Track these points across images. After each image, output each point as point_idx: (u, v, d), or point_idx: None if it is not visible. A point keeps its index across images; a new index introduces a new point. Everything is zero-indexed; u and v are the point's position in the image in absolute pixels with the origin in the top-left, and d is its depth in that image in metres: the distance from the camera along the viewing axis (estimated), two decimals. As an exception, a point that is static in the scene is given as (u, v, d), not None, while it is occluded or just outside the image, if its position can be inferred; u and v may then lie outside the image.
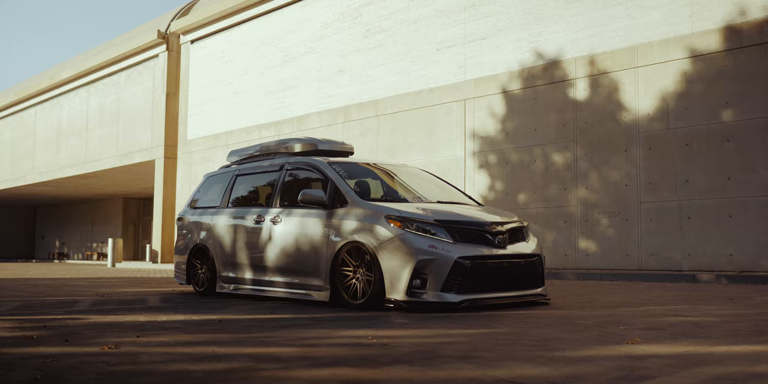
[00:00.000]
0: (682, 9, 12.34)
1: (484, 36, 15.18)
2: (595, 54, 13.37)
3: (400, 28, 16.95)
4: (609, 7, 13.24)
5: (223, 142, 22.34)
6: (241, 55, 22.13)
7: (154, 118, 26.35)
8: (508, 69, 14.69)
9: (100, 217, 43.94)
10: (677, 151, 12.19)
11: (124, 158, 28.14)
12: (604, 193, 13.05)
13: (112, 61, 29.16)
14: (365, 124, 17.48)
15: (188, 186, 23.90)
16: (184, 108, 24.63)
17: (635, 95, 12.77)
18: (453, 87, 15.63)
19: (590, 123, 13.34)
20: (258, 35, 21.56)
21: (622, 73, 13.00)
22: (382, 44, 17.32)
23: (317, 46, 19.24)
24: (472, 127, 15.21)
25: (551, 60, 14.01)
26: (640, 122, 12.67)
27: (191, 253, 9.28)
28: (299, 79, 19.73)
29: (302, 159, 8.11)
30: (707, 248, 11.77)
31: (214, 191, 9.53)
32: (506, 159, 14.56)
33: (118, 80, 29.32)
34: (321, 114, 18.81)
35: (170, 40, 25.77)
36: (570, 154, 13.56)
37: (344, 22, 18.48)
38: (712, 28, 11.97)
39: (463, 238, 6.48)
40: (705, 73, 11.98)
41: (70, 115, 32.84)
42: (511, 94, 14.59)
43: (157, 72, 26.50)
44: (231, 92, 22.32)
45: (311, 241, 7.24)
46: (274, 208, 7.98)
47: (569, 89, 13.68)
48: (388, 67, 17.11)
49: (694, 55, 12.10)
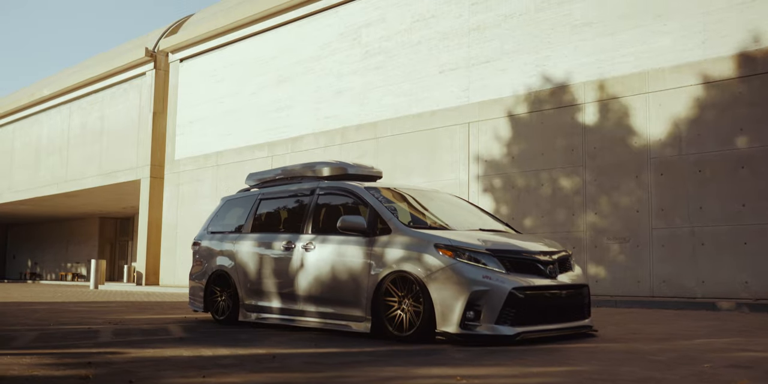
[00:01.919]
0: (695, 35, 12.33)
1: (488, 59, 15.10)
2: (605, 79, 13.32)
3: (401, 50, 16.83)
4: (619, 32, 13.22)
5: (213, 163, 22.03)
6: (233, 74, 21.89)
7: (139, 137, 25.94)
8: (514, 92, 14.60)
9: (75, 237, 43.18)
10: (690, 177, 12.13)
11: (107, 177, 27.66)
12: (615, 218, 12.95)
13: (97, 79, 28.74)
14: (364, 147, 17.29)
15: (175, 206, 23.52)
16: (172, 127, 24.30)
17: (646, 120, 12.72)
18: (456, 110, 15.50)
19: (599, 148, 13.26)
20: (251, 54, 21.34)
21: (632, 99, 12.95)
22: (382, 66, 17.18)
23: (314, 67, 19.06)
24: (477, 151, 15.07)
25: (559, 84, 13.95)
26: (651, 148, 12.61)
27: (210, 280, 8.98)
28: (294, 99, 19.52)
29: (336, 183, 7.87)
30: (721, 275, 11.68)
31: (234, 215, 9.25)
32: (512, 183, 14.43)
33: (102, 98, 28.89)
34: (317, 135, 18.59)
35: (158, 58, 25.45)
36: (578, 178, 13.46)
37: (342, 42, 18.33)
38: (725, 54, 11.96)
39: (515, 268, 6.29)
40: (718, 100, 11.96)
41: (50, 133, 32.30)
42: (517, 117, 14.49)
43: (143, 90, 26.14)
44: (222, 112, 22.05)
45: (350, 269, 7.00)
46: (306, 234, 7.72)
47: (578, 114, 13.61)
48: (389, 88, 16.96)
49: (707, 81, 12.09)
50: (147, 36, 27.99)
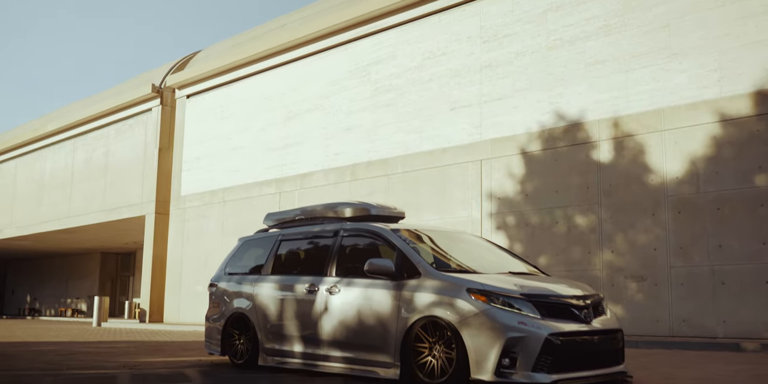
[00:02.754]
0: (710, 73, 12.31)
1: (501, 96, 15.06)
2: (620, 116, 13.27)
3: (411, 87, 16.81)
4: (633, 70, 13.20)
5: (219, 199, 21.90)
6: (240, 110, 21.87)
7: (144, 173, 25.84)
8: (527, 130, 14.54)
9: (75, 272, 42.87)
10: (708, 215, 12.01)
11: (110, 213, 27.51)
12: (632, 256, 12.80)
13: (102, 114, 28.72)
14: (374, 183, 17.19)
15: (180, 243, 23.34)
16: (178, 163, 24.22)
17: (662, 158, 12.64)
18: (468, 147, 15.43)
19: (615, 185, 13.16)
20: (259, 91, 21.34)
21: (648, 136, 12.88)
22: (393, 103, 17.15)
23: (323, 104, 19.04)
24: (489, 188, 14.97)
25: (573, 121, 13.89)
26: (668, 185, 12.51)
27: (228, 322, 8.79)
28: (303, 136, 19.47)
29: (360, 225, 7.74)
30: (743, 315, 11.50)
31: (253, 256, 9.10)
32: (526, 221, 14.31)
33: (107, 134, 28.86)
34: (326, 172, 18.50)
35: (164, 94, 25.47)
36: (594, 216, 13.34)
37: (352, 80, 18.32)
38: (742, 92, 11.92)
39: (550, 313, 6.14)
40: (736, 138, 11.89)
41: (54, 168, 32.22)
42: (530, 155, 14.41)
43: (149, 126, 26.11)
44: (229, 148, 21.98)
45: (377, 314, 6.84)
46: (330, 276, 7.57)
47: (592, 151, 13.53)
48: (399, 125, 16.91)
49: (723, 119, 12.03)
50: (153, 72, 28.05)
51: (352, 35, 18.62)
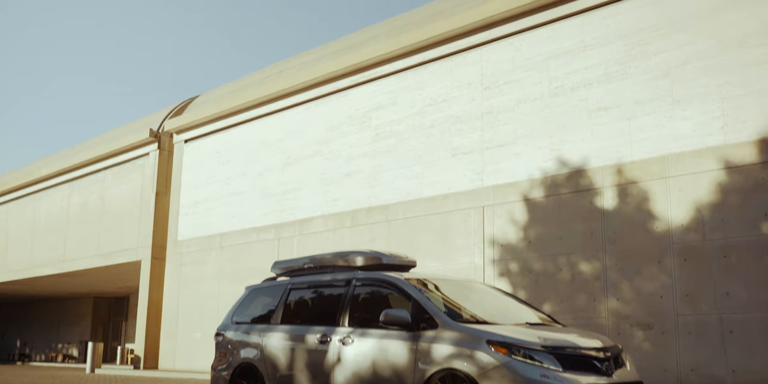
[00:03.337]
0: (714, 121, 12.38)
1: (502, 143, 15.11)
2: (623, 163, 13.30)
3: (412, 133, 16.86)
4: (636, 117, 13.27)
5: (217, 244, 21.77)
6: (238, 155, 21.88)
7: (141, 218, 25.72)
8: (529, 176, 14.56)
9: (67, 317, 42.38)
10: (715, 263, 11.96)
11: (106, 258, 27.30)
12: (638, 304, 12.71)
13: (99, 159, 28.69)
14: (375, 229, 17.12)
15: (177, 288, 23.13)
16: (175, 208, 24.12)
17: (667, 205, 12.64)
18: (470, 193, 15.42)
19: (619, 233, 13.12)
20: (257, 136, 21.38)
21: (652, 183, 12.89)
22: (393, 149, 17.18)
23: (322, 149, 19.06)
24: (492, 235, 14.92)
25: (576, 168, 13.91)
26: (673, 233, 12.48)
27: (235, 372, 8.66)
28: (302, 181, 19.44)
29: (373, 274, 7.67)
30: (753, 364, 11.39)
31: (261, 305, 9.00)
32: (529, 268, 14.23)
33: (103, 178, 28.79)
34: (326, 218, 18.44)
35: (162, 139, 25.49)
36: (599, 263, 13.28)
37: (352, 125, 18.38)
38: (746, 140, 11.98)
39: (571, 365, 6.05)
40: (741, 185, 11.91)
41: (48, 212, 32.04)
42: (533, 201, 14.40)
43: (146, 170, 26.07)
44: (227, 193, 21.93)
45: (393, 365, 6.73)
46: (343, 327, 7.47)
47: (596, 198, 13.53)
48: (400, 171, 16.91)
49: (728, 166, 12.06)
50: (151, 116, 28.11)
51: (351, 81, 18.73)
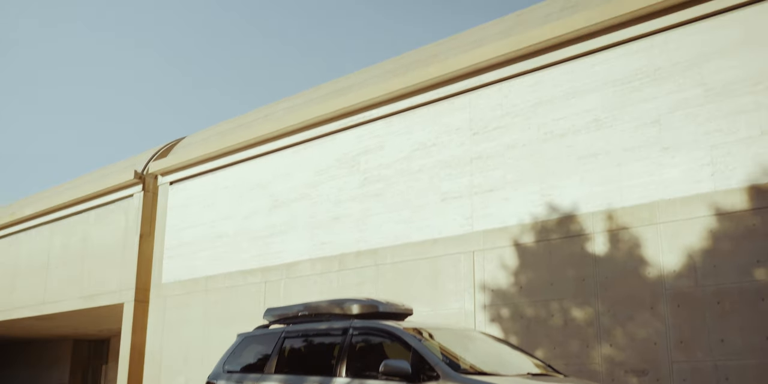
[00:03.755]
0: (703, 168, 12.46)
1: (492, 188, 15.12)
2: (613, 209, 13.34)
3: (401, 177, 16.86)
4: (625, 163, 13.34)
5: (202, 287, 21.54)
6: (224, 198, 21.76)
7: (124, 260, 25.43)
8: (519, 221, 14.55)
9: (45, 361, 41.59)
10: (709, 309, 11.94)
11: (88, 300, 26.91)
12: (631, 351, 12.64)
13: (82, 200, 28.44)
14: (363, 274, 17.01)
15: (160, 332, 22.80)
16: (160, 250, 23.90)
17: (658, 251, 12.65)
18: (460, 238, 15.38)
19: (611, 278, 13.11)
20: (244, 179, 21.30)
21: (642, 229, 12.92)
22: (382, 193, 17.15)
23: (310, 193, 19.00)
24: (482, 280, 14.86)
25: (566, 214, 13.93)
26: (665, 279, 12.48)
27: (228, 425, 8.50)
28: (289, 224, 19.34)
29: (371, 323, 7.60)
30: (748, 413, 11.32)
31: (253, 353, 8.87)
32: (521, 313, 14.16)
33: (86, 219, 28.53)
34: (313, 261, 18.31)
35: (147, 181, 25.33)
36: (591, 309, 13.23)
37: (340, 169, 18.36)
38: (736, 186, 12.06)
39: (577, 422, 5.98)
40: (732, 231, 11.95)
41: (29, 254, 31.65)
42: (523, 246, 14.38)
43: (130, 212, 25.86)
44: (213, 236, 21.76)
45: (394, 420, 6.63)
46: (340, 377, 7.37)
47: (587, 243, 13.53)
48: (388, 215, 16.87)
49: (719, 213, 12.12)
50: (136, 157, 27.97)
51: (339, 125, 18.75)
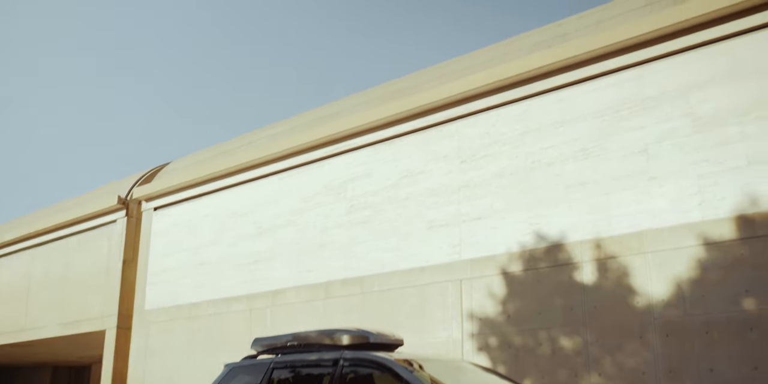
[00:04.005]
0: (690, 197, 12.52)
1: (479, 216, 15.11)
2: (601, 238, 13.35)
3: (388, 205, 16.83)
4: (613, 192, 13.38)
5: (186, 314, 21.33)
6: (209, 224, 21.63)
7: (107, 286, 25.16)
8: (507, 250, 14.53)
9: (23, 388, 41.03)
10: (697, 339, 11.94)
11: (69, 327, 26.57)
12: (620, 380, 12.60)
13: (64, 225, 28.18)
14: (349, 302, 16.90)
15: (143, 359, 22.53)
16: (143, 276, 23.69)
17: (647, 280, 12.66)
18: (447, 266, 15.34)
19: (600, 307, 13.09)
20: (230, 205, 21.19)
21: (631, 258, 12.93)
22: (369, 220, 17.10)
23: (295, 220, 18.92)
24: (470, 309, 14.80)
25: (554, 243, 13.93)
26: (654, 308, 12.47)
27: None
28: (274, 252, 19.22)
29: (362, 354, 7.53)
30: (738, 444, 11.29)
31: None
32: (508, 342, 14.09)
33: (68, 244, 28.26)
34: (299, 289, 18.19)
35: (130, 206, 25.15)
36: (579, 338, 13.19)
37: (326, 196, 18.30)
38: (724, 216, 12.10)
39: None
40: (720, 261, 11.98)
41: (10, 279, 31.26)
42: (511, 275, 14.35)
43: (113, 238, 25.63)
44: (197, 262, 21.59)
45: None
46: (332, 412, 7.29)
47: (575, 272, 13.52)
48: (375, 243, 16.80)
49: (707, 242, 12.15)
50: (120, 182, 27.78)
51: (325, 153, 18.72)
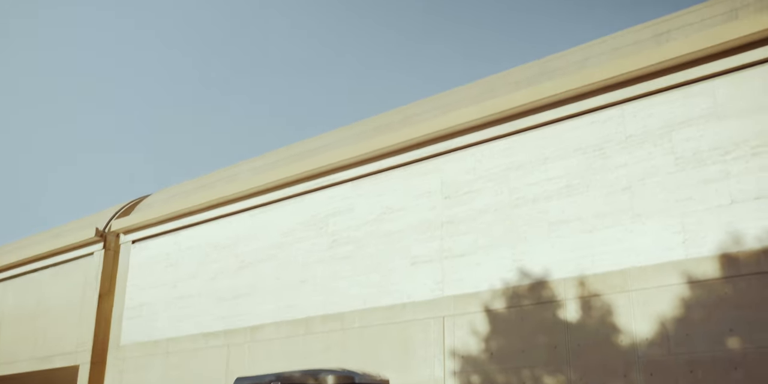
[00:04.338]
0: (674, 235, 12.52)
1: (463, 253, 15.04)
2: (585, 276, 13.30)
3: (370, 240, 16.72)
4: (597, 230, 13.37)
5: (163, 350, 20.98)
6: (188, 258, 21.39)
7: (81, 320, 24.74)
8: (490, 287, 14.44)
9: (-9, 424, 40.11)
10: (682, 378, 11.85)
11: (42, 362, 26.04)
12: (604, 421, 12.48)
13: (40, 257, 27.73)
14: (330, 338, 16.69)
15: (117, 396, 22.11)
16: (119, 310, 23.33)
17: (631, 318, 12.60)
18: (430, 303, 15.21)
19: (584, 346, 12.99)
20: (209, 239, 20.98)
21: (615, 296, 12.88)
22: (351, 255, 16.97)
23: (277, 254, 18.75)
24: (452, 346, 14.65)
25: (538, 280, 13.87)
26: (638, 347, 12.40)
27: None
28: (254, 286, 19.01)
29: (349, 401, 7.39)
30: None
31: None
32: (491, 381, 13.93)
33: (42, 276, 27.80)
34: (279, 325, 17.95)
35: (108, 239, 24.84)
36: (563, 377, 13.06)
37: (308, 231, 18.17)
38: (708, 255, 12.11)
39: None
40: (705, 300, 11.95)
41: (-19, 313, 30.73)
42: (494, 312, 14.25)
43: (90, 271, 25.27)
44: (175, 296, 21.30)
45: None
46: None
47: (559, 310, 13.44)
48: (357, 279, 16.66)
49: (691, 281, 12.14)
50: (98, 215, 27.47)
51: (307, 187, 18.63)
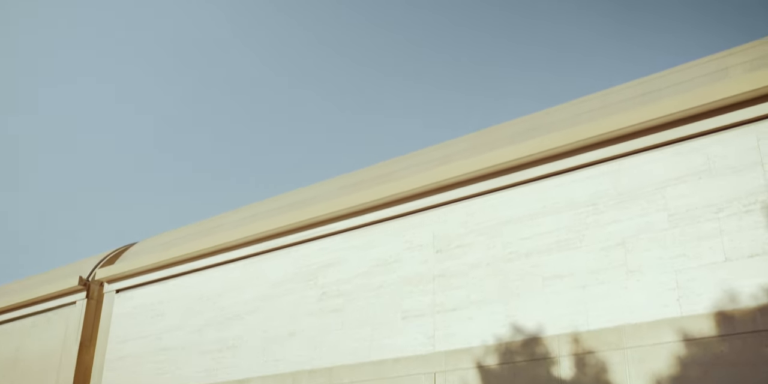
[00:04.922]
0: (668, 292, 12.47)
1: (455, 307, 14.90)
2: (579, 332, 13.18)
3: (361, 293, 16.55)
4: (590, 286, 13.31)
5: (144, 404, 20.54)
6: (174, 309, 21.07)
7: (60, 371, 24.19)
8: (483, 342, 14.27)
9: None
10: (678, 440, 11.69)
11: (17, 415, 25.45)
12: None
13: (19, 306, 27.19)
14: (318, 393, 16.40)
15: (95, 451, 21.54)
16: (100, 361, 22.86)
17: (626, 376, 12.45)
18: (421, 358, 15.00)
19: (578, 404, 12.82)
20: (195, 290, 20.71)
21: (609, 353, 12.75)
22: (341, 309, 16.77)
23: (264, 306, 18.51)
24: (444, 403, 14.42)
25: (531, 336, 13.72)
26: (633, 406, 12.24)
27: None
28: (241, 339, 18.71)
29: None
30: None
31: None
32: (484, 439, 13.69)
33: (21, 326, 27.26)
34: (265, 379, 17.63)
35: (92, 288, 24.47)
36: (557, 437, 12.86)
37: (297, 283, 17.98)
38: (703, 312, 12.04)
39: None
40: (700, 358, 11.85)
41: (-43, 363, 30.04)
42: (487, 368, 14.06)
43: (71, 320, 24.82)
44: (159, 348, 20.92)
45: None
46: None
47: (552, 367, 13.28)
48: (346, 333, 16.43)
49: (686, 338, 12.05)
50: (81, 263, 27.12)
51: (297, 238, 18.50)
